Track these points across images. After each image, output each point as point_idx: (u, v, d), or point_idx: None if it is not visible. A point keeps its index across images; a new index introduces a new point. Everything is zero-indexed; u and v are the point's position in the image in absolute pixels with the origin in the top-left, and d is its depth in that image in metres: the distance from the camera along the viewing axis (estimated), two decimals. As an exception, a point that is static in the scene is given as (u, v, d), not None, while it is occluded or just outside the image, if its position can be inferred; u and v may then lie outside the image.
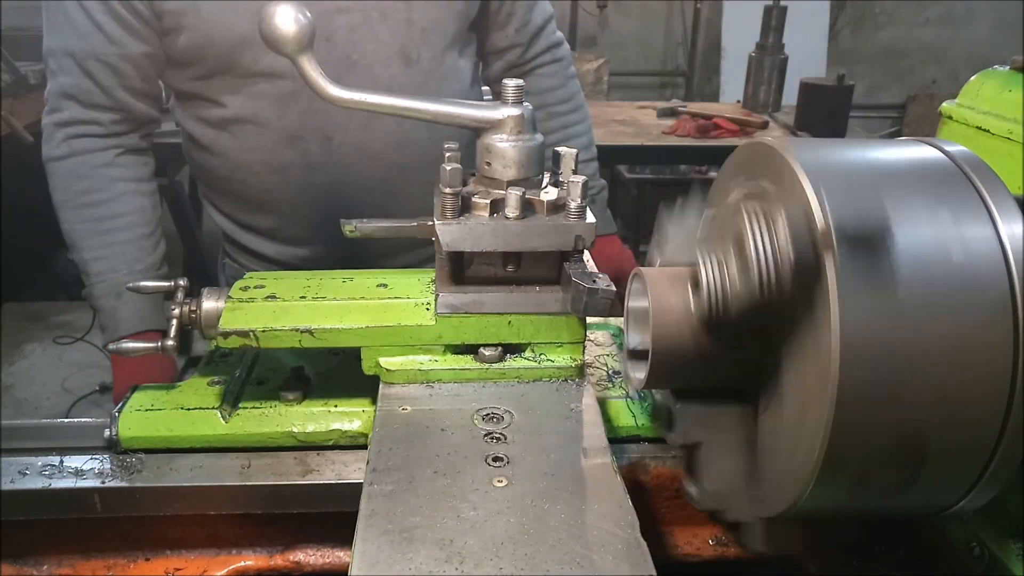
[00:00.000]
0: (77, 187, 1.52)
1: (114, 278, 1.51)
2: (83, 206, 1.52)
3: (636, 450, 1.01)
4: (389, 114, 0.98)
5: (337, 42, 1.48)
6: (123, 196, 1.54)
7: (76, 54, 1.46)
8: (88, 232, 1.52)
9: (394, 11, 1.50)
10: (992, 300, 0.69)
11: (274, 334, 0.92)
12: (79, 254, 1.54)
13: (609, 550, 0.67)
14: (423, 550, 0.67)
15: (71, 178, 1.52)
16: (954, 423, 0.70)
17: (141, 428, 0.98)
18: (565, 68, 1.81)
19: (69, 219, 1.53)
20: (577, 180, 0.90)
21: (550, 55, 1.78)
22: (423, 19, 1.53)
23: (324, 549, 1.00)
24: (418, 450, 0.81)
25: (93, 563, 0.98)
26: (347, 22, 1.47)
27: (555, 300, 0.94)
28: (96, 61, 1.46)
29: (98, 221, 1.52)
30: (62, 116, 1.50)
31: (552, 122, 1.77)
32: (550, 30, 1.79)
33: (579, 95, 1.84)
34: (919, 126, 5.74)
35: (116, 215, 1.53)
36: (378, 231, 1.04)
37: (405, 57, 1.53)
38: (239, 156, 1.56)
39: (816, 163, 0.75)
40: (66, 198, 1.52)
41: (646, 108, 4.11)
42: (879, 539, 1.02)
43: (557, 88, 1.79)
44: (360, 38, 1.49)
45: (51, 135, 1.52)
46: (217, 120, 1.55)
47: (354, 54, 1.49)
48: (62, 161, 1.51)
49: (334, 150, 1.53)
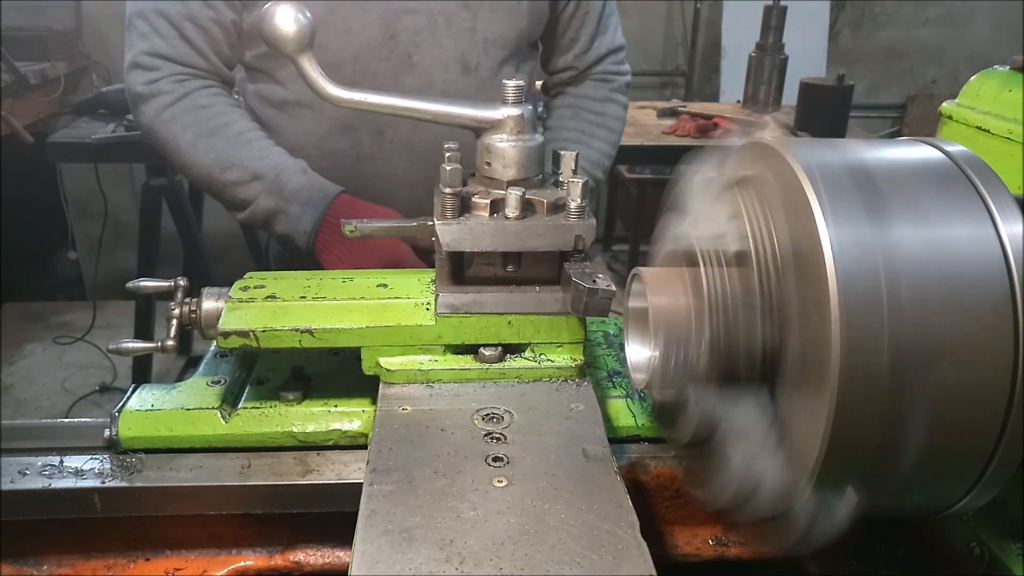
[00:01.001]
0: (204, 115, 1.50)
1: (288, 164, 1.50)
2: (219, 128, 1.50)
3: (636, 450, 1.01)
4: (389, 114, 0.99)
5: (400, 42, 1.52)
6: (243, 115, 1.55)
7: (171, 15, 1.47)
8: (236, 144, 1.50)
9: (459, 19, 1.53)
10: (992, 300, 0.69)
11: (274, 334, 0.92)
12: (235, 172, 1.48)
13: (609, 550, 0.67)
14: (423, 550, 0.67)
15: (195, 111, 1.50)
16: (954, 423, 0.70)
17: (141, 428, 0.97)
18: (611, 89, 1.81)
19: (207, 148, 1.49)
20: (577, 181, 0.91)
21: (601, 75, 1.80)
22: (486, 30, 1.56)
23: (324, 549, 1.00)
24: (418, 450, 0.81)
25: (93, 563, 0.98)
26: (412, 24, 1.51)
27: (555, 300, 0.94)
28: (192, 23, 1.48)
29: (240, 135, 1.51)
30: (159, 73, 1.49)
31: (575, 122, 1.77)
32: (613, 60, 1.80)
33: (614, 120, 1.82)
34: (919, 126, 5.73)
35: (250, 127, 1.53)
36: (378, 231, 1.04)
37: (464, 64, 1.57)
38: (295, 138, 1.58)
39: (816, 163, 0.75)
40: (198, 130, 1.49)
41: (646, 108, 4.10)
42: (879, 539, 1.02)
43: (595, 99, 1.80)
44: (423, 41, 1.53)
45: (152, 92, 1.49)
46: (278, 100, 1.59)
47: (415, 55, 1.53)
48: (179, 103, 1.49)
49: (385, 144, 1.57)
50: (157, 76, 1.49)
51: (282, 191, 1.48)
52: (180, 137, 1.49)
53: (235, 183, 1.49)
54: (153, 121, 1.51)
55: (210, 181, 1.51)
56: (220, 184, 1.50)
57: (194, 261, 3.63)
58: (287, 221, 1.49)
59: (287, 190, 1.48)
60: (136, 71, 1.50)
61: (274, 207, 1.48)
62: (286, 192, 1.48)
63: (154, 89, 1.49)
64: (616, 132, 1.84)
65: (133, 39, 1.50)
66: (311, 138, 1.59)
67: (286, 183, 1.48)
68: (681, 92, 5.78)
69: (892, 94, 5.93)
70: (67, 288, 4.87)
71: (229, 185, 1.49)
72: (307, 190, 1.48)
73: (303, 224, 1.47)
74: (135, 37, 1.50)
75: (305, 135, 1.59)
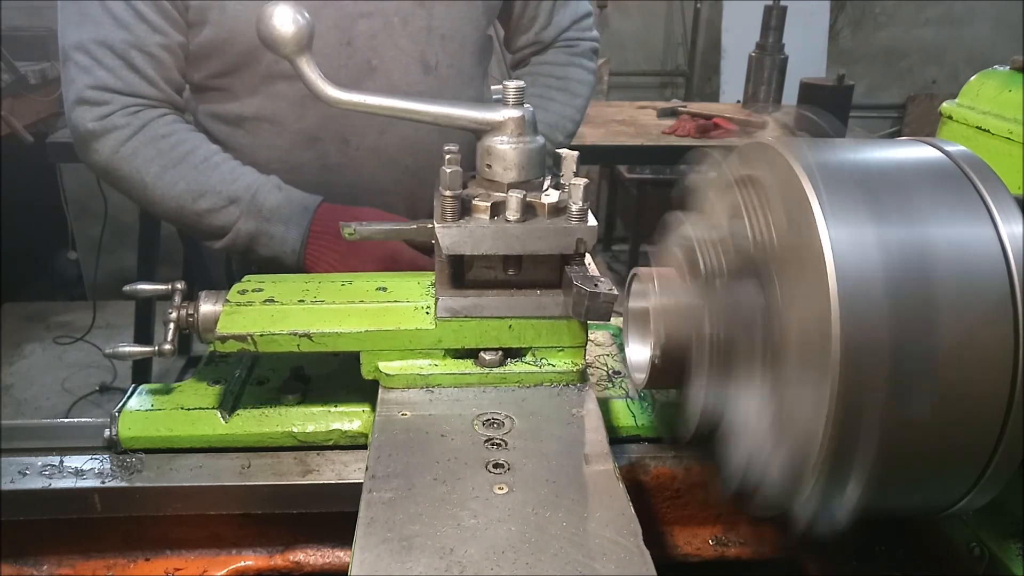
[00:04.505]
0: (166, 144, 1.43)
1: (262, 182, 1.46)
2: (184, 156, 1.43)
3: (636, 450, 1.01)
4: (388, 116, 0.98)
5: (358, 47, 1.49)
6: (204, 139, 1.49)
7: (116, 45, 1.39)
8: (204, 170, 1.43)
9: (415, 17, 1.51)
10: (992, 300, 0.69)
11: (272, 338, 0.92)
12: (208, 199, 1.42)
13: (611, 559, 0.66)
14: (423, 559, 0.66)
15: (156, 141, 1.42)
16: (954, 423, 0.70)
17: (141, 428, 0.97)
18: (574, 54, 1.78)
19: (175, 179, 1.42)
20: (579, 183, 0.90)
21: (564, 42, 1.77)
22: (442, 26, 1.54)
23: (324, 549, 1.00)
24: (418, 456, 0.80)
25: (93, 563, 0.98)
26: (368, 27, 1.48)
27: (556, 304, 0.94)
28: (139, 52, 1.41)
29: (206, 160, 1.44)
30: (110, 107, 1.41)
31: (533, 88, 1.72)
32: (578, 27, 1.77)
33: (576, 83, 1.78)
34: (919, 126, 5.73)
35: (215, 151, 1.47)
36: (377, 233, 1.04)
37: (424, 64, 1.55)
38: (256, 154, 1.54)
39: (816, 163, 0.75)
40: (163, 161, 1.42)
41: (646, 108, 4.10)
42: (879, 539, 1.02)
43: (557, 64, 1.76)
44: (380, 44, 1.50)
45: (106, 127, 1.41)
46: (233, 117, 1.54)
47: (374, 59, 1.51)
48: (137, 135, 1.42)
49: (351, 152, 1.54)
50: (108, 110, 1.40)
51: (260, 211, 1.43)
52: (144, 171, 1.42)
53: (210, 210, 1.43)
54: (111, 158, 1.42)
55: (181, 213, 1.43)
56: (194, 214, 1.43)
57: (194, 262, 3.62)
58: (271, 243, 1.44)
59: (265, 209, 1.43)
60: (82, 107, 1.40)
61: (255, 229, 1.44)
62: (265, 212, 1.43)
63: (107, 124, 1.40)
64: (580, 96, 1.79)
65: (73, 74, 1.41)
66: (273, 152, 1.54)
67: (263, 203, 1.43)
68: (681, 92, 5.79)
69: (892, 94, 5.93)
70: (67, 288, 4.87)
71: (204, 214, 1.43)
72: (286, 206, 1.44)
73: (288, 243, 1.43)
74: (75, 72, 1.40)
75: (266, 150, 1.54)
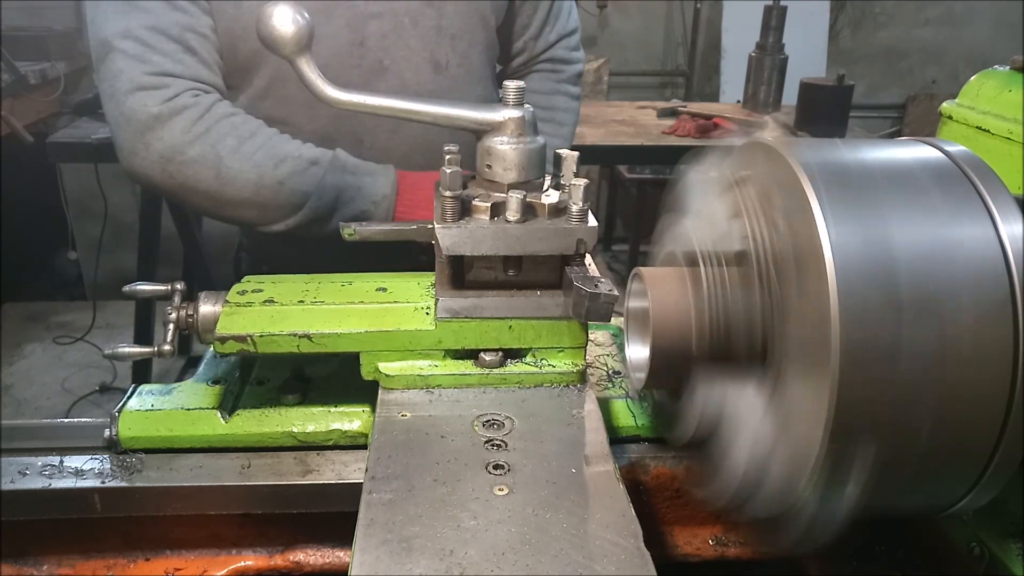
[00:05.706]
0: (238, 120, 1.42)
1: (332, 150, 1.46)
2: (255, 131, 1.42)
3: (636, 450, 1.00)
4: (388, 116, 0.98)
5: (369, 47, 1.50)
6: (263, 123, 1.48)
7: (169, 29, 1.37)
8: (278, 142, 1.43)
9: (425, 17, 1.53)
10: (992, 300, 0.69)
11: (272, 339, 0.92)
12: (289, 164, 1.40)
13: (612, 560, 0.66)
14: (423, 560, 0.66)
15: (227, 118, 1.41)
16: (954, 423, 0.70)
17: (141, 428, 0.97)
18: (559, 80, 1.81)
19: (252, 149, 1.40)
20: (579, 183, 0.90)
21: (549, 65, 1.80)
22: (452, 26, 1.56)
23: (324, 549, 1.00)
24: (418, 457, 0.80)
25: (93, 563, 0.98)
26: (379, 28, 1.50)
27: (556, 304, 0.93)
28: (194, 34, 1.40)
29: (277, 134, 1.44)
30: (173, 90, 1.37)
31: None
32: (565, 45, 1.80)
33: (562, 112, 1.82)
34: (919, 126, 5.73)
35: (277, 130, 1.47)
36: (377, 234, 1.04)
37: (435, 63, 1.56)
38: None
39: (816, 163, 0.75)
40: (238, 134, 1.40)
41: (646, 108, 4.10)
42: (879, 539, 1.02)
43: (542, 92, 1.80)
44: (391, 44, 1.51)
45: (175, 108, 1.36)
46: None
47: (386, 59, 1.52)
48: (208, 114, 1.39)
49: (365, 152, 1.54)
50: (173, 92, 1.36)
51: (345, 167, 1.44)
52: (220, 145, 1.38)
53: (292, 174, 1.40)
54: (181, 139, 1.36)
55: (260, 183, 1.39)
56: (275, 182, 1.39)
57: (194, 261, 3.62)
58: (359, 195, 1.43)
59: (350, 164, 1.45)
60: (141, 94, 1.35)
61: (342, 183, 1.42)
62: (350, 166, 1.44)
63: (176, 105, 1.36)
64: (566, 125, 1.82)
65: (121, 64, 1.36)
66: None
67: (345, 160, 1.45)
68: (681, 92, 5.79)
69: (892, 94, 5.93)
70: (67, 288, 4.87)
71: (286, 179, 1.40)
72: (365, 163, 1.46)
73: (379, 190, 1.44)
74: (123, 61, 1.36)
75: None
